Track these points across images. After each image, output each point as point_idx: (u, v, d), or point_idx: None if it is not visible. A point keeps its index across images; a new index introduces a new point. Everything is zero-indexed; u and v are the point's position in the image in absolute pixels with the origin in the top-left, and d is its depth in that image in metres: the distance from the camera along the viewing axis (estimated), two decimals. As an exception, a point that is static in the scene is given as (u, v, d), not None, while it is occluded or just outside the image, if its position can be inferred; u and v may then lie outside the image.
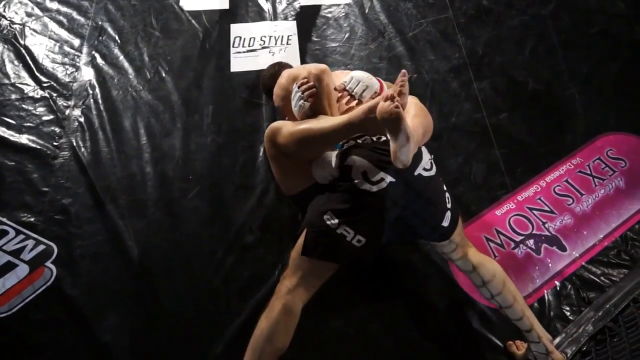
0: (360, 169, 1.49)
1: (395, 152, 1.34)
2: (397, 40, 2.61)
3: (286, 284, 1.52)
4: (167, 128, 2.28)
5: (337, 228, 1.48)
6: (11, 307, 1.78)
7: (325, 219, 1.50)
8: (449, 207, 1.59)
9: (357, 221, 1.48)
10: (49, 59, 2.49)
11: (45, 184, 2.08)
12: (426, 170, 1.54)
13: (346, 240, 1.48)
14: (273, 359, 1.49)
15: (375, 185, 1.47)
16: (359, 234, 1.48)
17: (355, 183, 1.49)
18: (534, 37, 2.65)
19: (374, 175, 1.48)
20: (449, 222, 1.59)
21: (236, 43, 2.59)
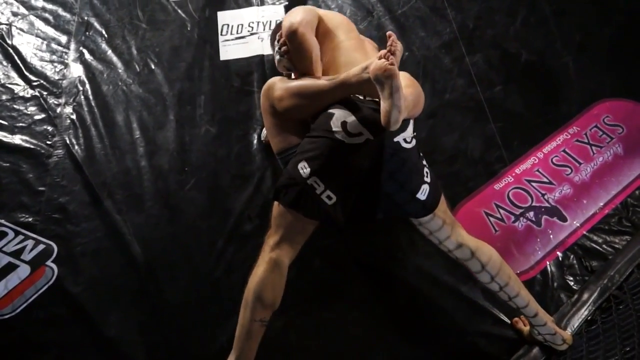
0: (341, 118, 1.47)
1: (387, 110, 1.32)
2: (387, 19, 2.57)
3: (269, 242, 1.52)
4: (159, 121, 2.27)
5: (308, 178, 1.46)
6: (14, 308, 1.79)
7: (299, 168, 1.48)
8: (427, 181, 1.55)
9: (327, 173, 1.46)
10: (37, 58, 2.46)
11: (41, 184, 2.07)
12: (406, 142, 1.51)
13: (315, 193, 1.46)
14: (265, 315, 1.49)
15: (352, 137, 1.45)
16: (329, 190, 1.46)
17: (333, 130, 1.46)
18: (525, 7, 2.61)
19: (354, 127, 1.45)
20: (426, 197, 1.54)
21: (224, 31, 2.56)
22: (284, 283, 1.51)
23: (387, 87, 1.33)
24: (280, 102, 1.61)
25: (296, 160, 1.50)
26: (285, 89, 1.60)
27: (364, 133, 1.45)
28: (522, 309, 1.62)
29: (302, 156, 1.49)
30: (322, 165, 1.45)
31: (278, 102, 1.62)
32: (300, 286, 1.78)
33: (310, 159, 1.47)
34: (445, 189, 2.01)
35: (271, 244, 1.52)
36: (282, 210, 1.52)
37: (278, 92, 1.62)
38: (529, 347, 1.71)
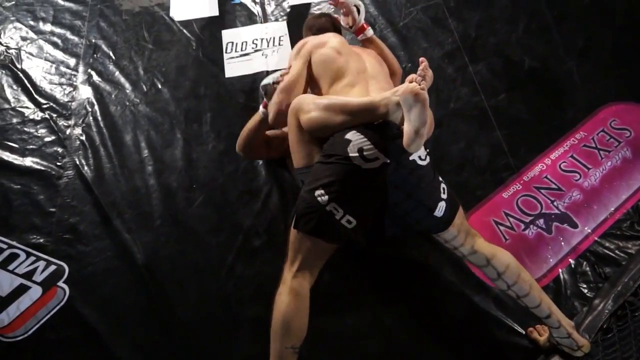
0: (358, 144, 1.48)
1: (411, 134, 1.35)
2: (389, 31, 2.59)
3: (290, 270, 1.53)
4: (167, 139, 2.29)
5: (327, 205, 1.47)
6: (27, 330, 1.79)
7: (317, 195, 1.48)
8: (443, 197, 1.58)
9: (346, 199, 1.47)
10: (47, 81, 2.51)
11: (52, 205, 2.10)
12: (421, 159, 1.54)
13: (335, 218, 1.47)
14: (296, 342, 1.48)
15: (369, 162, 1.47)
16: (348, 214, 1.47)
17: (350, 157, 1.48)
18: (526, 14, 2.62)
19: (370, 153, 1.47)
20: (443, 213, 1.57)
21: (229, 49, 2.59)
22: (307, 308, 1.51)
23: (415, 110, 1.35)
24: (308, 114, 1.60)
25: (312, 188, 1.51)
26: (315, 103, 1.62)
27: (379, 158, 1.47)
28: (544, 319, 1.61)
29: (318, 183, 1.50)
30: (339, 191, 1.47)
31: (306, 115, 1.61)
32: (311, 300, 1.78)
33: (327, 185, 1.48)
34: (453, 199, 2.05)
35: (292, 271, 1.52)
36: (300, 236, 1.52)
37: (307, 106, 1.62)
38: (545, 357, 1.69)
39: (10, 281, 1.89)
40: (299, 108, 1.64)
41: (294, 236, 1.54)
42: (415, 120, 1.35)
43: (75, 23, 2.75)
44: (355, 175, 1.47)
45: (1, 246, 1.97)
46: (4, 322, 1.81)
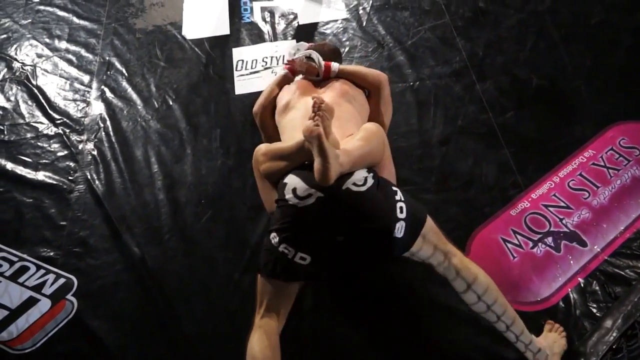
0: (292, 185, 1.51)
1: (316, 168, 1.39)
2: (397, 50, 2.62)
3: (257, 313, 1.57)
4: (177, 155, 2.32)
5: (279, 246, 1.50)
6: (35, 342, 1.80)
7: (271, 238, 1.53)
8: (401, 217, 1.51)
9: (292, 238, 1.49)
10: (61, 97, 2.56)
11: (63, 218, 2.13)
12: (356, 185, 1.50)
13: (288, 258, 1.50)
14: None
15: (302, 200, 1.48)
16: (300, 252, 1.49)
17: (287, 199, 1.50)
18: (534, 33, 2.64)
19: (302, 191, 1.49)
20: (403, 234, 1.51)
21: (239, 66, 2.63)
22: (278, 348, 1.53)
23: (315, 146, 1.40)
24: (262, 166, 1.66)
25: (269, 232, 1.56)
26: (264, 152, 1.66)
27: (312, 193, 1.48)
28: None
29: (272, 227, 1.55)
30: (286, 232, 1.50)
31: (260, 166, 1.67)
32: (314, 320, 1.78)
33: (277, 229, 1.52)
34: (461, 216, 2.05)
35: (260, 314, 1.57)
36: (263, 281, 1.58)
37: (260, 158, 1.67)
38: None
39: (20, 294, 1.91)
40: (256, 160, 1.70)
41: (259, 281, 1.59)
42: (316, 155, 1.39)
43: (89, 41, 2.81)
44: (296, 215, 1.49)
45: (12, 259, 2.00)
46: (13, 334, 1.82)
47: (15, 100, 2.55)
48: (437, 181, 2.16)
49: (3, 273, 1.96)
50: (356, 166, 1.53)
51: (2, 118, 2.48)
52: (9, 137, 2.40)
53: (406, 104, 2.41)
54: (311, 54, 1.94)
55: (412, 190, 2.09)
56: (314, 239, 1.51)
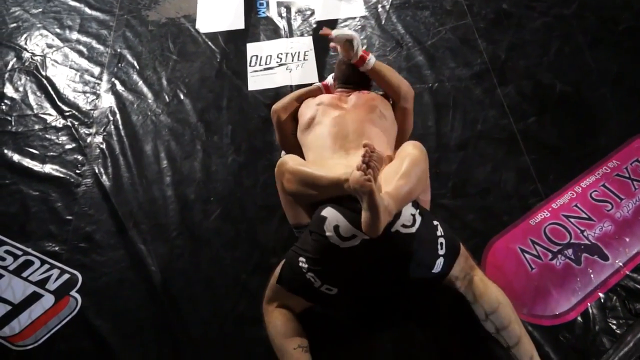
0: (333, 222, 1.45)
1: (365, 222, 1.34)
2: (416, 50, 2.56)
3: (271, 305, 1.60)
4: (187, 150, 2.27)
5: (307, 273, 1.48)
6: (37, 339, 1.76)
7: (299, 262, 1.50)
8: (441, 253, 1.50)
9: (323, 273, 1.47)
10: (70, 88, 2.52)
11: (69, 212, 2.08)
12: (405, 226, 1.45)
13: (314, 286, 1.48)
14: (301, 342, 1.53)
15: (346, 241, 1.43)
16: (327, 284, 1.47)
17: (327, 236, 1.44)
18: (559, 38, 2.56)
19: (346, 231, 1.43)
20: (441, 268, 1.51)
21: (253, 62, 2.58)
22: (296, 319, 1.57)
23: (365, 201, 1.33)
24: (287, 184, 1.61)
25: (298, 253, 1.52)
26: (292, 172, 1.59)
27: (357, 235, 1.43)
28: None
29: (302, 251, 1.51)
30: (318, 266, 1.47)
31: (286, 184, 1.62)
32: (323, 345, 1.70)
33: (309, 258, 1.48)
34: (478, 223, 1.99)
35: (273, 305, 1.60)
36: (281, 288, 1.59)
37: (287, 175, 1.61)
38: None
39: (24, 288, 1.87)
40: (281, 174, 1.64)
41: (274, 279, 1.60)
42: (366, 209, 1.33)
43: (101, 32, 2.77)
44: (333, 253, 1.44)
45: (16, 252, 1.96)
46: (15, 330, 1.78)
47: (23, 91, 2.51)
48: (454, 187, 2.09)
49: (7, 267, 1.92)
50: (402, 206, 1.46)
51: (10, 109, 2.44)
52: (17, 128, 2.36)
53: (424, 106, 2.34)
54: (353, 39, 1.85)
55: (428, 196, 2.03)
56: (346, 277, 1.48)
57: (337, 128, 1.72)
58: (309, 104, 1.87)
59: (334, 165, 1.59)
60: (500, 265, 1.87)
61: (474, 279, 1.60)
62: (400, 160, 1.54)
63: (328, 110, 1.80)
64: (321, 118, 1.78)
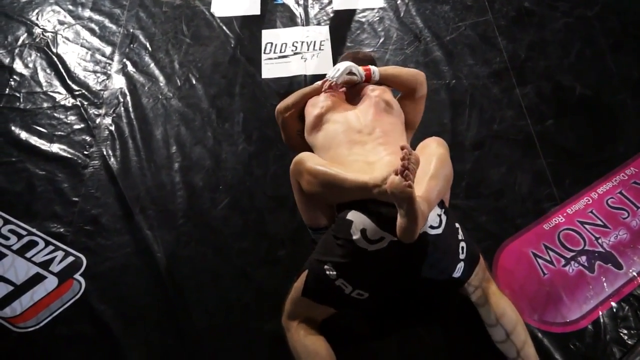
0: (360, 225, 1.42)
1: (402, 228, 1.29)
2: (434, 45, 2.51)
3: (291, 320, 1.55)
4: (197, 136, 2.23)
5: (336, 280, 1.45)
6: (39, 321, 1.73)
7: (325, 269, 1.46)
8: (461, 258, 1.49)
9: (354, 278, 1.44)
10: (81, 67, 2.48)
11: (75, 194, 2.05)
12: (433, 227, 1.43)
13: (345, 293, 1.45)
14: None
15: (374, 244, 1.41)
16: (358, 289, 1.45)
17: (354, 240, 1.42)
18: (580, 40, 2.51)
19: (374, 234, 1.41)
20: (462, 273, 1.50)
21: (267, 49, 2.53)
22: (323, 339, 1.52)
23: (403, 206, 1.28)
24: (307, 185, 1.56)
25: (322, 260, 1.49)
26: (313, 173, 1.53)
27: (385, 237, 1.40)
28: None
29: (327, 258, 1.47)
30: (347, 271, 1.44)
31: (305, 185, 1.57)
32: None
33: (335, 263, 1.45)
34: (490, 225, 1.95)
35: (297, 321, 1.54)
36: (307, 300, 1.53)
37: (306, 176, 1.55)
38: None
39: (27, 269, 1.84)
40: (298, 173, 1.59)
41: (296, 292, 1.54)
42: (404, 215, 1.28)
43: (114, 11, 2.72)
44: (362, 257, 1.42)
45: (21, 232, 1.93)
46: (16, 311, 1.75)
47: (33, 68, 2.46)
48: (468, 186, 2.05)
49: (10, 246, 1.89)
50: (433, 208, 1.44)
51: (19, 85, 2.40)
52: (25, 105, 2.32)
53: (440, 103, 2.30)
54: (351, 69, 1.82)
55: (441, 194, 2.00)
56: (377, 280, 1.46)
57: (348, 124, 1.68)
58: (315, 103, 1.81)
59: (353, 162, 1.55)
60: (512, 269, 1.84)
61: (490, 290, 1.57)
62: (428, 160, 1.50)
63: (336, 107, 1.76)
64: (330, 116, 1.74)
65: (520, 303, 1.76)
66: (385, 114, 1.73)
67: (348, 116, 1.71)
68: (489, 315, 1.54)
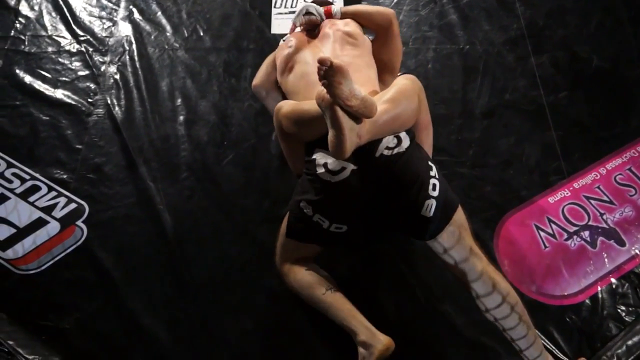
0: (322, 160, 1.43)
1: (330, 141, 1.28)
2: (450, 7, 2.42)
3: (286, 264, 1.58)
4: (203, 90, 2.20)
5: (313, 216, 1.46)
6: (40, 264, 1.75)
7: (302, 207, 1.48)
8: (432, 194, 1.40)
9: (327, 211, 1.46)
10: (87, 12, 2.41)
11: (79, 141, 2.03)
12: (389, 148, 1.41)
13: (323, 227, 1.46)
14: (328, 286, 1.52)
15: (336, 175, 1.41)
16: (335, 222, 1.46)
17: (318, 174, 1.43)
18: (601, 10, 2.42)
19: (334, 165, 1.41)
20: (433, 213, 1.39)
21: (278, 3, 2.46)
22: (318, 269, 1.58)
23: (327, 117, 1.27)
24: (286, 129, 1.54)
25: (298, 200, 1.50)
26: (286, 115, 1.52)
27: (346, 167, 1.40)
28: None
29: (302, 196, 1.49)
30: (320, 206, 1.45)
31: (285, 130, 1.55)
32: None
33: (309, 199, 1.46)
34: (495, 195, 1.93)
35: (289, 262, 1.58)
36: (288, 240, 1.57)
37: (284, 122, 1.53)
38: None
39: (30, 213, 1.85)
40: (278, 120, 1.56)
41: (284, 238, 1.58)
42: (330, 125, 1.27)
43: (122, -45, 2.62)
44: (329, 189, 1.43)
45: (24, 176, 1.93)
46: (18, 253, 1.77)
47: (39, 10, 2.40)
48: (475, 155, 2.03)
49: (14, 190, 1.89)
50: (379, 135, 1.41)
51: (24, 27, 2.34)
52: (30, 48, 2.28)
53: (452, 68, 2.24)
54: (308, 9, 1.80)
55: (447, 162, 1.98)
56: (349, 211, 1.45)
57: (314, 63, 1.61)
58: (283, 48, 1.78)
59: None
60: (514, 240, 1.84)
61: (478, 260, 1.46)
62: (388, 88, 1.49)
63: (301, 48, 1.72)
64: (296, 58, 1.70)
65: (519, 274, 1.77)
66: (349, 46, 1.69)
67: (314, 54, 1.67)
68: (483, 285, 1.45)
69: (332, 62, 1.22)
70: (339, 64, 1.23)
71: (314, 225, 1.48)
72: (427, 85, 1.84)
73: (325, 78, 1.23)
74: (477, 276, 1.43)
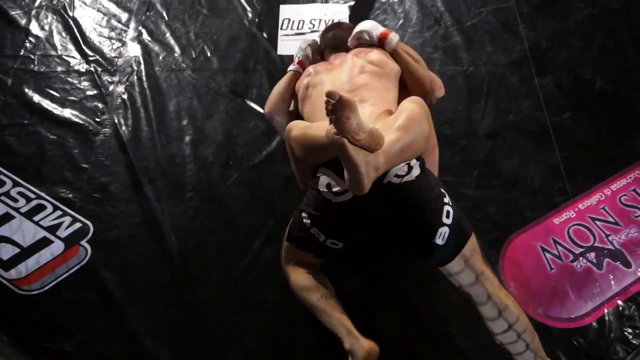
0: (325, 180, 1.44)
1: (347, 179, 1.29)
2: (454, 30, 2.45)
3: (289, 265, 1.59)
4: (209, 110, 2.22)
5: (310, 228, 1.48)
6: (43, 285, 1.75)
7: (303, 217, 1.49)
8: (446, 222, 1.39)
9: (324, 227, 1.46)
10: (96, 33, 2.46)
11: (85, 161, 2.05)
12: (398, 176, 1.39)
13: (319, 241, 1.47)
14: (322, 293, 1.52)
15: (338, 196, 1.42)
16: (331, 238, 1.46)
17: (321, 192, 1.44)
18: (604, 32, 2.44)
19: (337, 187, 1.42)
20: (445, 241, 1.38)
21: (285, 25, 2.49)
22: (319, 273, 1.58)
23: (340, 156, 1.27)
24: (296, 151, 1.57)
25: (301, 210, 1.52)
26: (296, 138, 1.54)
27: (348, 190, 1.39)
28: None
29: (305, 208, 1.51)
30: (318, 221, 1.47)
31: (294, 151, 1.58)
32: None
33: (310, 213, 1.48)
34: (499, 216, 1.93)
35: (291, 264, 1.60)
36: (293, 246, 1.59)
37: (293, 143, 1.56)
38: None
39: (34, 232, 1.85)
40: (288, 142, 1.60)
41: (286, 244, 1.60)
42: (344, 164, 1.27)
43: (131, -23, 2.68)
44: (330, 208, 1.44)
45: (29, 195, 1.94)
46: (22, 273, 1.77)
47: (49, 30, 2.44)
48: (479, 176, 2.03)
49: (19, 209, 1.90)
50: (396, 164, 1.40)
51: (34, 47, 2.38)
52: (39, 67, 2.31)
53: (456, 90, 2.25)
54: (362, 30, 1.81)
55: (451, 183, 1.98)
56: (347, 231, 1.46)
57: (332, 86, 1.63)
58: (301, 78, 1.80)
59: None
60: (519, 261, 1.83)
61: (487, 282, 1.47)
62: (397, 114, 1.47)
63: (319, 73, 1.74)
64: (314, 82, 1.72)
65: (525, 296, 1.75)
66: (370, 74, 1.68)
67: (331, 78, 1.69)
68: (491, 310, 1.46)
69: (341, 96, 1.21)
70: (347, 97, 1.22)
71: (311, 237, 1.50)
72: (431, 106, 1.84)
73: (334, 113, 1.22)
74: (484, 300, 1.43)
